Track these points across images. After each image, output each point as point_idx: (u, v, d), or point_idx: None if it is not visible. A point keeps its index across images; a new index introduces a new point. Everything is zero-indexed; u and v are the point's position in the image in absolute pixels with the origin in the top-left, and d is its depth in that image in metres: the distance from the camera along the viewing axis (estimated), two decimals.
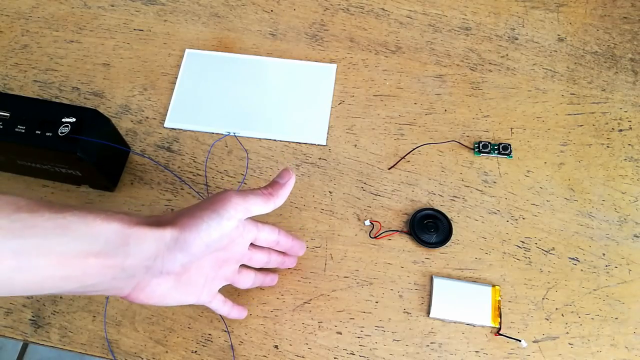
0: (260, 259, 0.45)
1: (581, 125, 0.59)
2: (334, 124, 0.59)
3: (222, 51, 0.63)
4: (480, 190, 0.55)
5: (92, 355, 0.49)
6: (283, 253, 0.48)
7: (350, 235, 0.53)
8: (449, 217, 0.54)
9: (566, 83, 0.62)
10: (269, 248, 0.46)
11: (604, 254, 0.53)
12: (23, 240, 0.29)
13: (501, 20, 0.66)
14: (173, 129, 0.59)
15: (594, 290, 0.51)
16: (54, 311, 0.50)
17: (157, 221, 0.35)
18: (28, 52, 0.63)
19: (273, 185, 0.41)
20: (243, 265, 0.45)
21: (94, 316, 0.50)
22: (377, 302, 0.50)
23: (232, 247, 0.41)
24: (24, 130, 0.47)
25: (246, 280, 0.46)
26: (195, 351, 0.48)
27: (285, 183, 0.41)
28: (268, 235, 0.44)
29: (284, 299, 0.51)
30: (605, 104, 0.60)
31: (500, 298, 0.50)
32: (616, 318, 0.50)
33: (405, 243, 0.53)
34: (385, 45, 0.64)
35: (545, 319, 0.50)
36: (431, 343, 0.49)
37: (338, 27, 0.65)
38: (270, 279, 0.49)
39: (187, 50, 0.63)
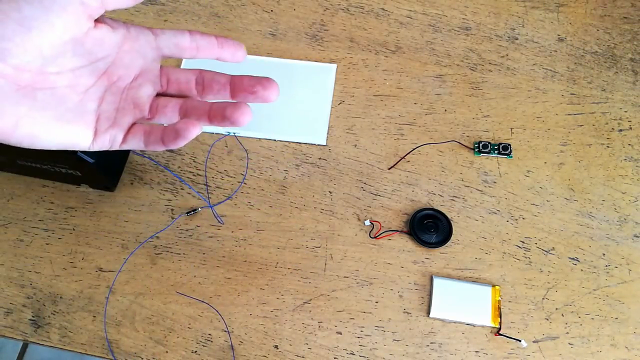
0: (183, 76, 0.34)
1: (581, 125, 0.59)
2: (334, 124, 0.59)
3: None
4: (480, 190, 0.55)
5: (92, 355, 0.49)
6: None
7: (350, 235, 0.53)
8: (449, 217, 0.54)
9: (566, 83, 0.61)
10: (200, 70, 0.34)
11: (604, 254, 0.53)
12: None
13: (501, 20, 0.66)
14: None
15: (594, 290, 0.51)
16: (54, 311, 0.50)
17: None
18: None
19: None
20: (162, 96, 0.34)
21: (94, 316, 0.50)
22: (377, 302, 0.50)
23: (123, 59, 0.31)
24: None
25: (169, 109, 0.33)
26: (195, 351, 0.48)
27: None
28: (174, 40, 0.32)
29: (284, 299, 0.51)
30: (605, 104, 0.60)
31: (500, 298, 0.50)
32: (616, 318, 0.50)
33: (405, 243, 0.53)
34: (385, 45, 0.64)
35: (545, 319, 0.50)
36: (431, 343, 0.49)
37: (338, 27, 0.65)
38: (218, 106, 0.33)
39: None
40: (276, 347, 0.49)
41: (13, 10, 0.25)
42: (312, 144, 0.58)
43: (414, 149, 0.58)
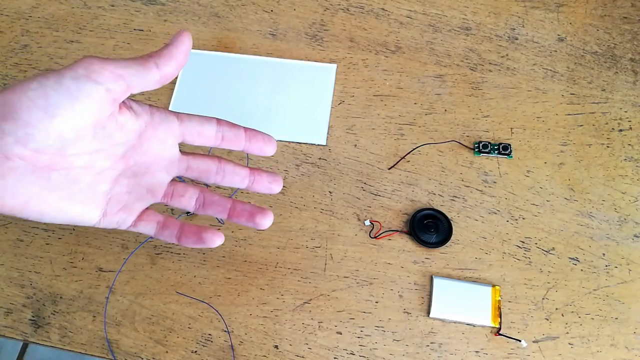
0: (203, 164, 0.34)
1: (581, 125, 0.59)
2: (334, 124, 0.59)
3: (222, 51, 0.63)
4: (480, 190, 0.55)
5: (92, 355, 0.49)
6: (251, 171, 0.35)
7: (350, 235, 0.53)
8: (449, 217, 0.54)
9: (566, 83, 0.61)
10: (219, 157, 0.35)
11: (604, 254, 0.53)
12: None
13: (501, 20, 0.66)
14: None
15: (594, 290, 0.51)
16: (54, 311, 0.50)
17: None
18: (28, 52, 0.63)
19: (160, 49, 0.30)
20: (180, 182, 0.35)
21: (94, 316, 0.50)
22: (377, 302, 0.50)
23: (145, 146, 0.31)
24: None
25: (186, 198, 0.34)
26: (195, 351, 0.48)
27: (174, 42, 0.30)
28: (202, 126, 0.32)
29: (284, 299, 0.51)
30: (605, 104, 0.60)
31: (500, 298, 0.50)
32: (616, 318, 0.50)
33: (405, 243, 0.53)
34: (385, 45, 0.64)
35: (545, 319, 0.50)
36: (431, 343, 0.49)
37: (338, 27, 0.65)
38: (244, 207, 0.35)
39: None
40: (276, 347, 0.49)
41: (40, 97, 0.26)
42: (312, 144, 0.58)
43: (414, 149, 0.58)
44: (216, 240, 0.34)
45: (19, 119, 0.25)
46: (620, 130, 0.59)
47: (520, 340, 0.48)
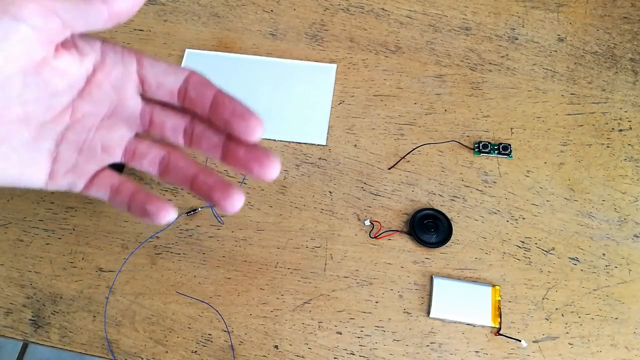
0: (169, 120, 0.27)
1: (581, 125, 0.59)
2: (334, 124, 0.59)
3: (222, 51, 0.63)
4: (480, 190, 0.55)
5: (92, 355, 0.49)
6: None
7: (350, 235, 0.53)
8: (449, 217, 0.54)
9: (566, 83, 0.61)
10: (192, 112, 0.27)
11: (604, 254, 0.53)
12: None
13: (501, 20, 0.66)
14: None
15: (594, 290, 0.51)
16: (54, 311, 0.50)
17: None
18: None
19: None
20: (145, 139, 0.29)
21: (94, 316, 0.50)
22: (377, 302, 0.50)
23: (94, 94, 0.26)
24: None
25: (148, 158, 0.28)
26: (195, 351, 0.48)
27: None
28: (165, 76, 0.26)
29: (284, 299, 0.51)
30: (605, 104, 0.60)
31: (500, 298, 0.50)
32: (616, 318, 0.50)
33: (405, 243, 0.53)
34: (385, 45, 0.64)
35: (545, 319, 0.50)
36: (431, 343, 0.49)
37: (338, 27, 0.65)
38: (205, 180, 0.28)
39: (187, 50, 0.63)
40: (276, 347, 0.49)
41: None
42: (312, 144, 0.58)
43: (414, 149, 0.58)
44: (162, 214, 0.27)
45: None
46: (620, 130, 0.59)
47: (520, 340, 0.48)
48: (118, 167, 0.56)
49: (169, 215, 0.28)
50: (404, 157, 0.57)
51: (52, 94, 0.25)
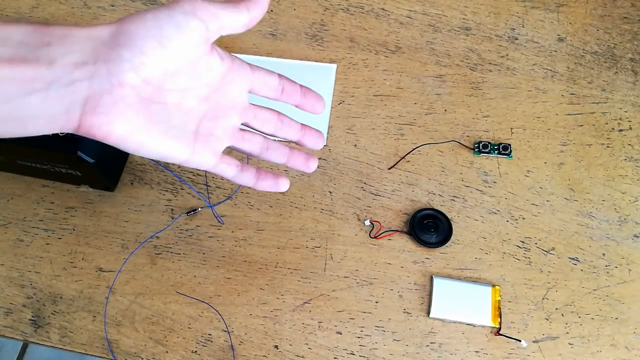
0: (266, 116, 0.37)
1: (581, 125, 0.59)
2: (334, 124, 0.59)
3: None
4: (480, 190, 0.55)
5: (92, 355, 0.49)
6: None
7: (350, 235, 0.53)
8: (449, 217, 0.54)
9: (566, 83, 0.62)
10: (278, 112, 0.38)
11: (604, 254, 0.53)
12: None
13: (501, 20, 0.66)
14: None
15: (594, 290, 0.51)
16: (54, 311, 0.50)
17: (91, 25, 0.28)
18: None
19: None
20: (247, 129, 0.37)
21: (94, 316, 0.50)
22: (377, 302, 0.50)
23: (224, 90, 0.33)
24: None
25: (253, 142, 0.37)
26: (195, 351, 0.48)
27: None
28: (267, 77, 0.35)
29: (284, 299, 0.51)
30: (605, 104, 0.60)
31: (500, 298, 0.50)
32: (616, 318, 0.50)
33: (405, 243, 0.53)
34: (385, 45, 0.64)
35: (545, 319, 0.50)
36: (431, 343, 0.49)
37: (338, 27, 0.65)
38: (299, 153, 0.39)
39: None
40: (276, 347, 0.49)
41: (155, 27, 0.28)
42: None
43: (414, 149, 0.58)
44: (287, 185, 0.38)
45: (136, 47, 0.27)
46: (620, 130, 0.59)
47: (520, 340, 0.48)
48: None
49: (287, 183, 0.38)
50: (404, 157, 0.57)
51: (200, 85, 0.31)
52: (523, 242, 0.53)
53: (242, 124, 0.36)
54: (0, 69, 0.25)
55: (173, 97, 0.30)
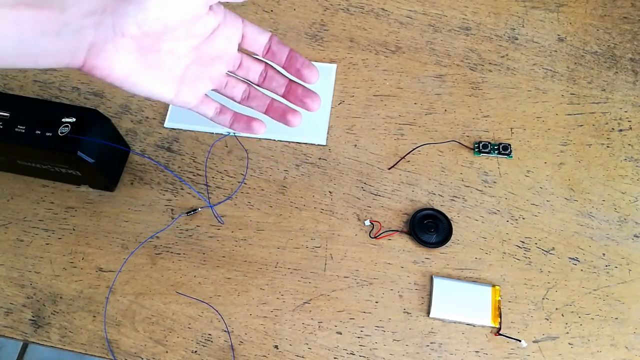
0: (252, 66, 0.39)
1: (581, 125, 0.59)
2: (334, 124, 0.59)
3: None
4: (480, 190, 0.55)
5: (92, 355, 0.49)
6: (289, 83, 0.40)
7: (350, 235, 0.53)
8: (449, 217, 0.54)
9: (566, 83, 0.62)
10: (265, 63, 0.39)
11: (604, 254, 0.53)
12: None
13: (501, 20, 0.66)
14: (173, 128, 0.59)
15: (594, 290, 0.51)
16: (54, 311, 0.50)
17: None
18: None
19: None
20: (232, 76, 0.40)
21: (94, 316, 0.50)
22: (377, 302, 0.50)
23: (214, 40, 0.36)
24: (24, 130, 0.47)
25: (236, 89, 0.39)
26: (195, 351, 0.48)
27: None
28: (258, 35, 0.37)
29: (284, 299, 0.51)
30: (605, 104, 0.60)
31: (500, 298, 0.50)
32: (616, 318, 0.50)
33: (405, 243, 0.53)
34: (385, 45, 0.64)
35: (545, 319, 0.50)
36: (431, 343, 0.49)
37: (338, 27, 0.65)
38: (279, 105, 0.40)
39: None
40: (276, 347, 0.49)
41: None
42: (312, 144, 0.58)
43: (414, 149, 0.58)
44: (261, 129, 0.40)
45: (141, 3, 0.30)
46: (620, 130, 0.59)
47: (520, 340, 0.48)
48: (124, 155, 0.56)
49: (264, 129, 0.40)
50: (404, 157, 0.57)
51: (192, 36, 0.34)
52: (523, 242, 0.53)
53: (228, 72, 0.39)
54: (19, 11, 0.28)
55: (167, 46, 0.33)
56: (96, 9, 0.30)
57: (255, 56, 0.39)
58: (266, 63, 0.39)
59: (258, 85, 0.40)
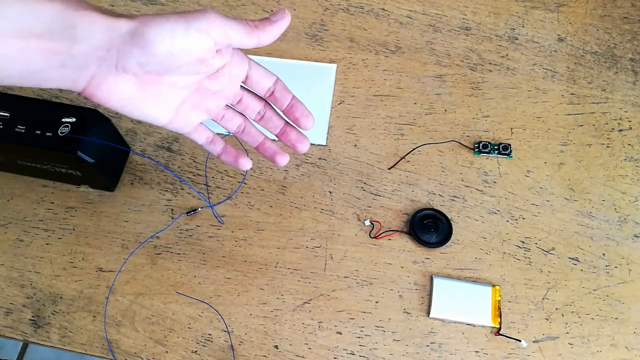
0: (251, 104, 0.39)
1: (581, 125, 0.59)
2: (334, 124, 0.59)
3: None
4: (480, 190, 0.55)
5: (92, 355, 0.49)
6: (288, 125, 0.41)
7: (350, 235, 0.53)
8: (449, 217, 0.54)
9: (566, 83, 0.62)
10: (265, 102, 0.40)
11: (604, 254, 0.53)
12: None
13: (501, 20, 0.66)
14: None
15: (594, 290, 0.51)
16: (54, 311, 0.50)
17: (113, 12, 0.32)
18: None
19: (262, 19, 0.36)
20: (233, 109, 0.40)
21: (94, 316, 0.50)
22: (377, 302, 0.50)
23: (217, 78, 0.36)
24: (24, 130, 0.47)
25: (232, 122, 0.40)
26: (195, 351, 0.48)
27: (277, 21, 0.35)
28: (262, 78, 0.38)
29: (284, 299, 0.51)
30: (605, 104, 0.60)
31: (500, 298, 0.50)
32: (616, 318, 0.50)
33: (405, 243, 0.53)
34: (385, 45, 0.64)
35: (545, 319, 0.50)
36: (431, 343, 0.49)
37: (338, 27, 0.65)
38: (270, 146, 0.41)
39: None
40: (276, 347, 0.49)
41: (169, 38, 0.31)
42: (312, 144, 0.58)
43: (414, 149, 0.58)
44: (247, 165, 0.41)
45: (148, 50, 0.31)
46: (620, 130, 0.59)
47: (520, 340, 0.48)
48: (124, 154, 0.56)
49: (248, 162, 0.41)
50: (404, 157, 0.57)
51: (195, 74, 0.35)
52: (523, 242, 0.53)
53: (227, 104, 0.39)
54: (29, 42, 0.29)
55: (169, 79, 0.34)
56: (103, 44, 0.31)
57: (256, 92, 0.39)
58: (266, 101, 0.40)
59: (254, 120, 0.41)
